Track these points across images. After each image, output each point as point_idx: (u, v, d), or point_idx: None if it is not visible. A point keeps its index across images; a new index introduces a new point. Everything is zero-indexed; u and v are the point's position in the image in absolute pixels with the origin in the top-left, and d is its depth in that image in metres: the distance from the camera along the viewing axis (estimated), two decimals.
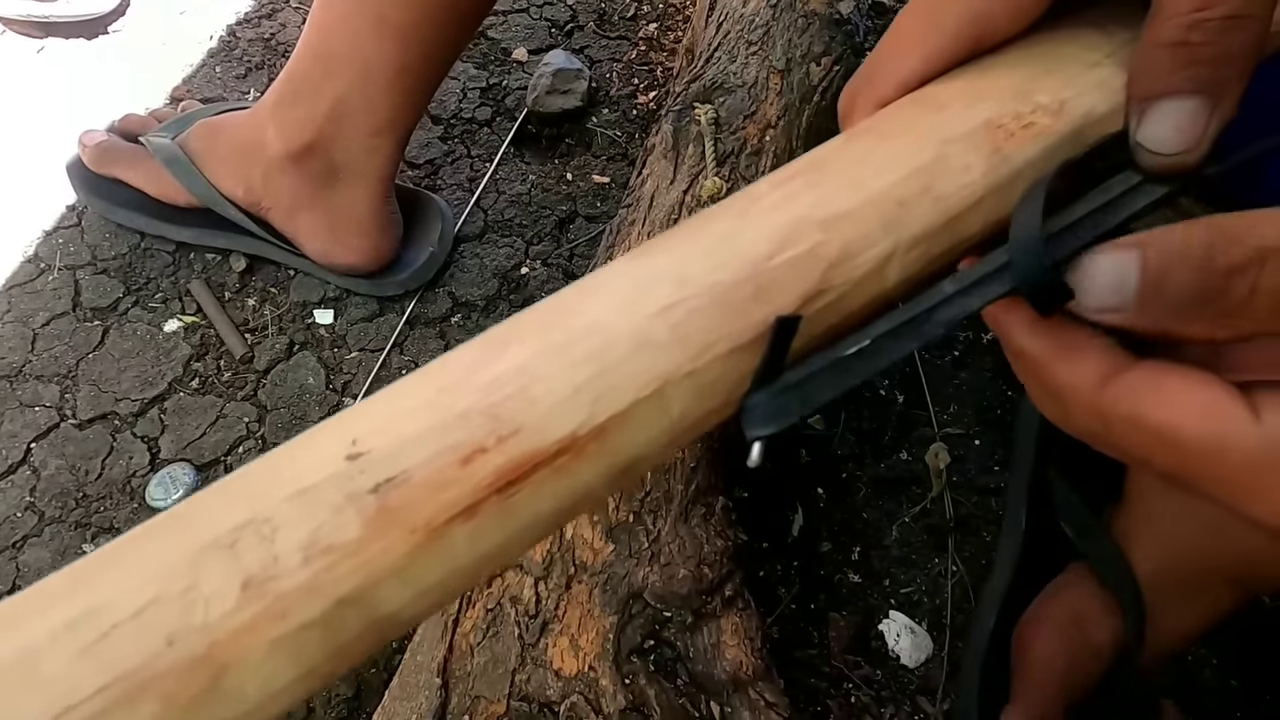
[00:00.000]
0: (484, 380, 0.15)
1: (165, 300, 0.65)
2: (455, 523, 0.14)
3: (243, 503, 0.14)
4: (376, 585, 0.14)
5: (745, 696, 0.37)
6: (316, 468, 0.14)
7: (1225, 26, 0.17)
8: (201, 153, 0.62)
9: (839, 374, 0.17)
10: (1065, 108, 0.20)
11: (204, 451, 0.58)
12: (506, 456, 0.15)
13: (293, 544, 0.14)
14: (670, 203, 0.49)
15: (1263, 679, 0.49)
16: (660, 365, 0.16)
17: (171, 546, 0.14)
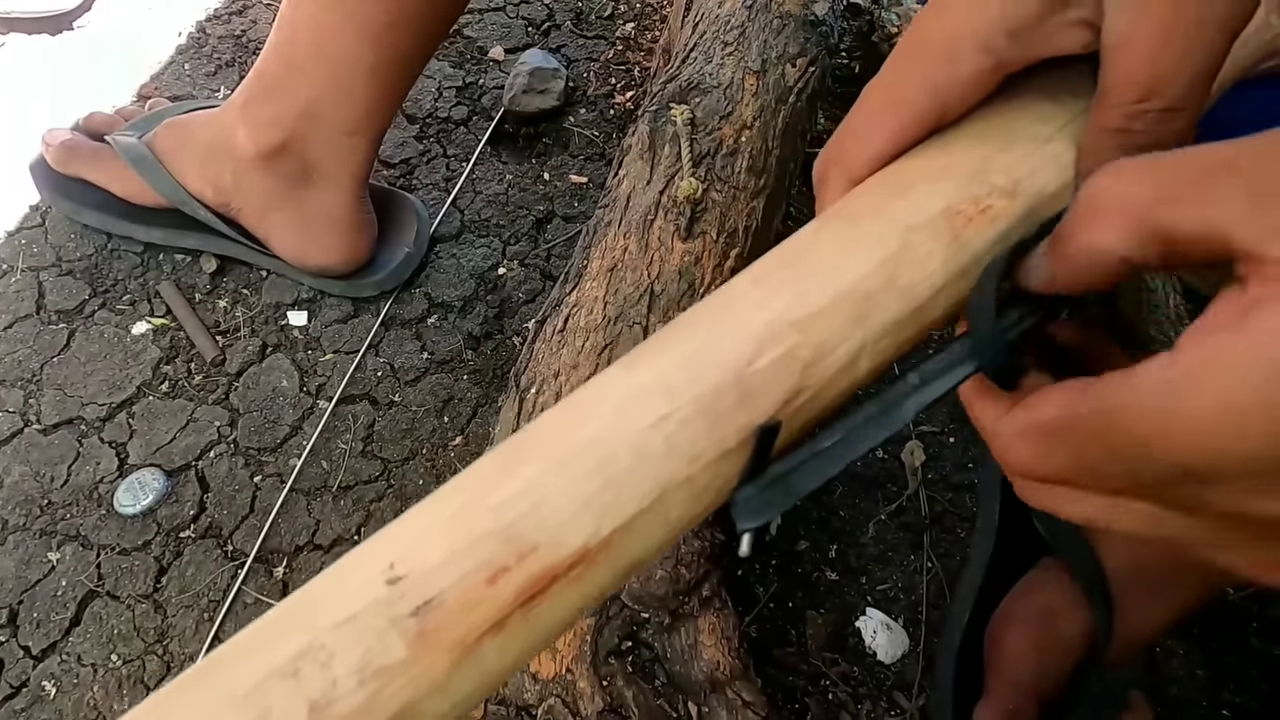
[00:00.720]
0: (500, 499, 0.17)
1: (133, 302, 0.64)
2: (486, 638, 0.16)
3: (297, 631, 0.16)
4: (421, 701, 0.16)
5: (723, 696, 0.37)
6: (361, 594, 0.16)
7: (1162, 118, 0.19)
8: (169, 152, 0.60)
9: (819, 466, 0.19)
10: (1019, 187, 0.21)
11: (174, 456, 0.57)
12: (527, 573, 0.16)
13: (348, 668, 0.15)
14: (647, 203, 0.49)
15: (1228, 669, 0.51)
16: (658, 475, 0.18)
17: (241, 677, 0.15)
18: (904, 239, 0.20)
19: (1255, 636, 0.52)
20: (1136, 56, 0.19)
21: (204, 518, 0.55)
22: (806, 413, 0.19)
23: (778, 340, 0.19)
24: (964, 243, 0.20)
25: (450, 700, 0.16)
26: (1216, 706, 0.49)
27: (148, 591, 0.52)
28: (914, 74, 0.22)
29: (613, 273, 0.47)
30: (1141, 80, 0.19)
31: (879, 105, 0.22)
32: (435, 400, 0.61)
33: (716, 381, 0.18)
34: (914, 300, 0.20)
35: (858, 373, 0.20)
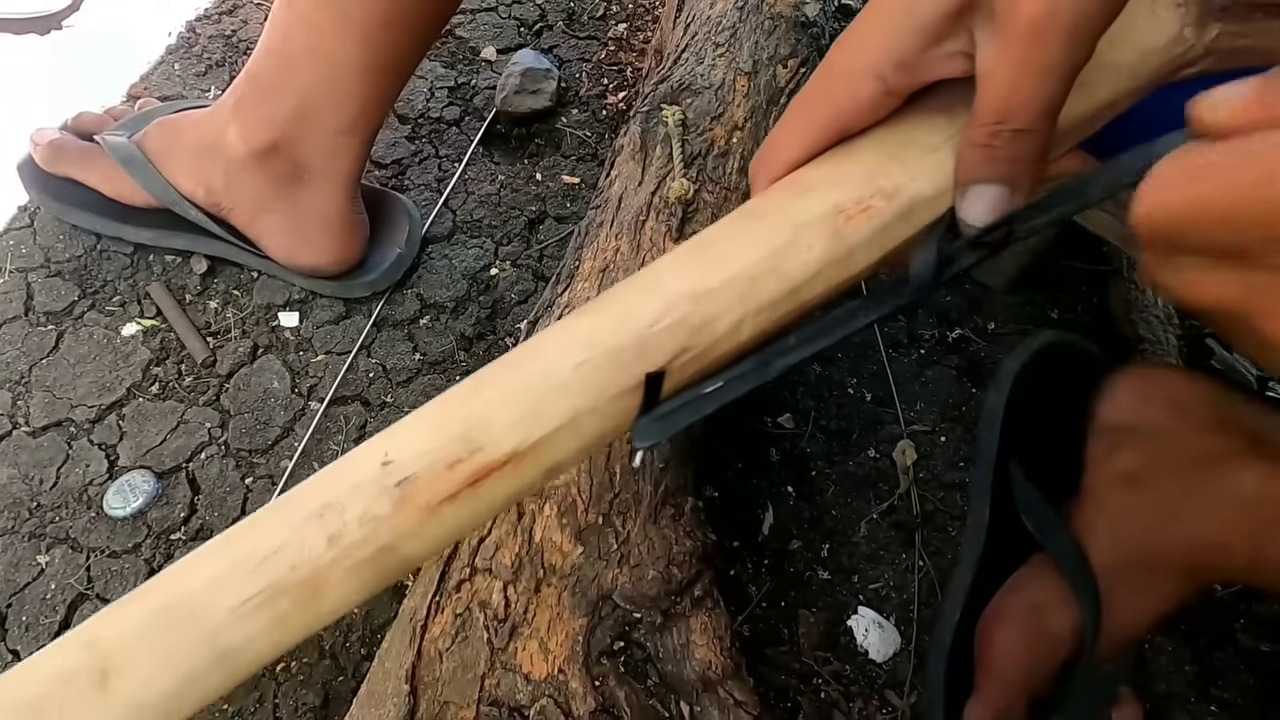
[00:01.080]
0: (461, 414, 0.24)
1: (123, 303, 0.64)
2: (444, 505, 0.23)
3: (325, 491, 0.24)
4: (399, 540, 0.23)
5: (715, 696, 0.38)
6: (365, 470, 0.24)
7: (1015, 138, 0.23)
8: (160, 152, 0.60)
9: (698, 405, 0.25)
10: (900, 191, 0.26)
11: (164, 458, 0.57)
12: (474, 465, 0.23)
13: (354, 515, 0.23)
14: (638, 204, 0.49)
15: (1215, 665, 0.51)
16: (574, 403, 0.24)
17: (290, 514, 0.24)
18: (793, 234, 0.25)
19: (1242, 633, 0.52)
20: (995, 87, 0.23)
21: (195, 520, 0.55)
22: (695, 365, 0.25)
23: (675, 309, 0.24)
24: (843, 237, 0.25)
25: (419, 541, 0.23)
26: (1204, 702, 0.50)
27: None
28: (821, 96, 0.26)
29: (605, 273, 0.47)
30: (999, 107, 0.23)
31: (794, 121, 0.27)
32: (428, 400, 0.60)
33: (624, 338, 0.24)
34: (792, 283, 0.25)
35: (740, 338, 0.25)
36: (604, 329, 0.24)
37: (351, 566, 0.23)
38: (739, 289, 0.24)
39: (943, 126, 0.26)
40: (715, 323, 0.24)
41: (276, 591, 0.22)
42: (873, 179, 0.26)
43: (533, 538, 0.40)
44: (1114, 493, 0.44)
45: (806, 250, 0.25)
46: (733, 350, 0.25)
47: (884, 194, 0.25)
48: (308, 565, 0.22)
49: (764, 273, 0.25)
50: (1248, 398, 0.46)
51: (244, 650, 0.22)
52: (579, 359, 0.24)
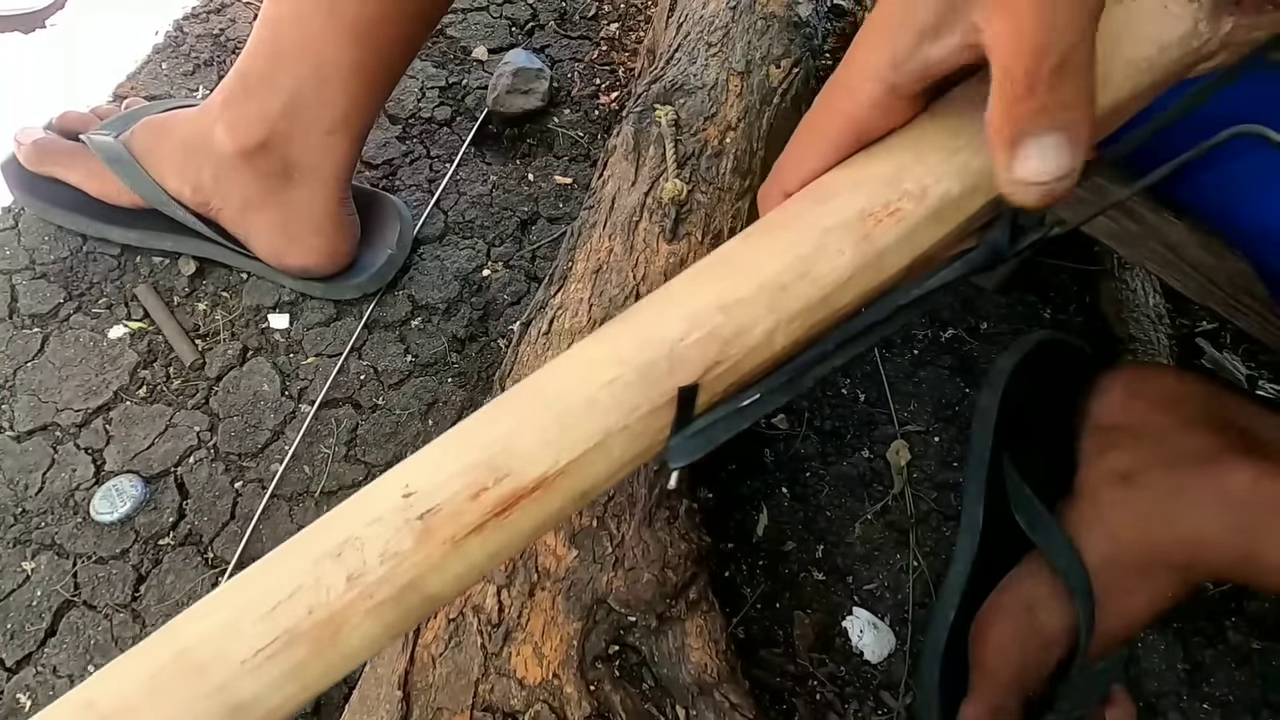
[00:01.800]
0: (485, 440, 0.23)
1: (110, 306, 0.63)
2: (470, 537, 0.22)
3: (342, 528, 0.22)
4: (423, 576, 0.22)
5: (710, 699, 0.37)
6: (384, 503, 0.22)
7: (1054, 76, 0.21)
8: (147, 151, 0.59)
9: (733, 420, 0.24)
10: (927, 193, 0.25)
11: (152, 463, 0.56)
12: (500, 493, 0.22)
13: (374, 553, 0.22)
14: (631, 204, 0.49)
15: (1207, 663, 0.51)
16: (604, 423, 0.23)
17: (305, 554, 0.22)
18: (820, 239, 0.24)
19: (1234, 630, 0.53)
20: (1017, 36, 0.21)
21: (183, 525, 0.54)
22: (728, 378, 0.24)
23: (705, 321, 0.24)
24: (872, 240, 0.24)
25: (446, 576, 0.22)
26: (1197, 700, 0.50)
27: (126, 601, 0.51)
28: (830, 109, 0.26)
29: (598, 274, 0.47)
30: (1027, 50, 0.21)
31: (806, 137, 0.27)
32: (419, 404, 0.60)
33: (654, 353, 0.23)
34: (823, 290, 0.24)
35: (774, 348, 0.24)
36: (631, 345, 0.24)
37: (373, 607, 0.22)
38: (769, 297, 0.24)
39: (961, 129, 0.26)
40: (747, 333, 0.24)
41: (292, 638, 0.21)
42: (897, 182, 0.25)
43: None
44: (1107, 491, 0.44)
45: (837, 255, 0.24)
46: (767, 361, 0.24)
47: (911, 196, 0.25)
48: (325, 608, 0.21)
49: (794, 279, 0.24)
50: (1238, 396, 0.46)
51: (258, 704, 0.21)
52: (608, 377, 0.23)
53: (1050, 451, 0.48)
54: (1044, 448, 0.48)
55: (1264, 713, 0.50)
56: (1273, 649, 0.52)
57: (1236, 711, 0.50)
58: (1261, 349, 0.65)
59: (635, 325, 0.24)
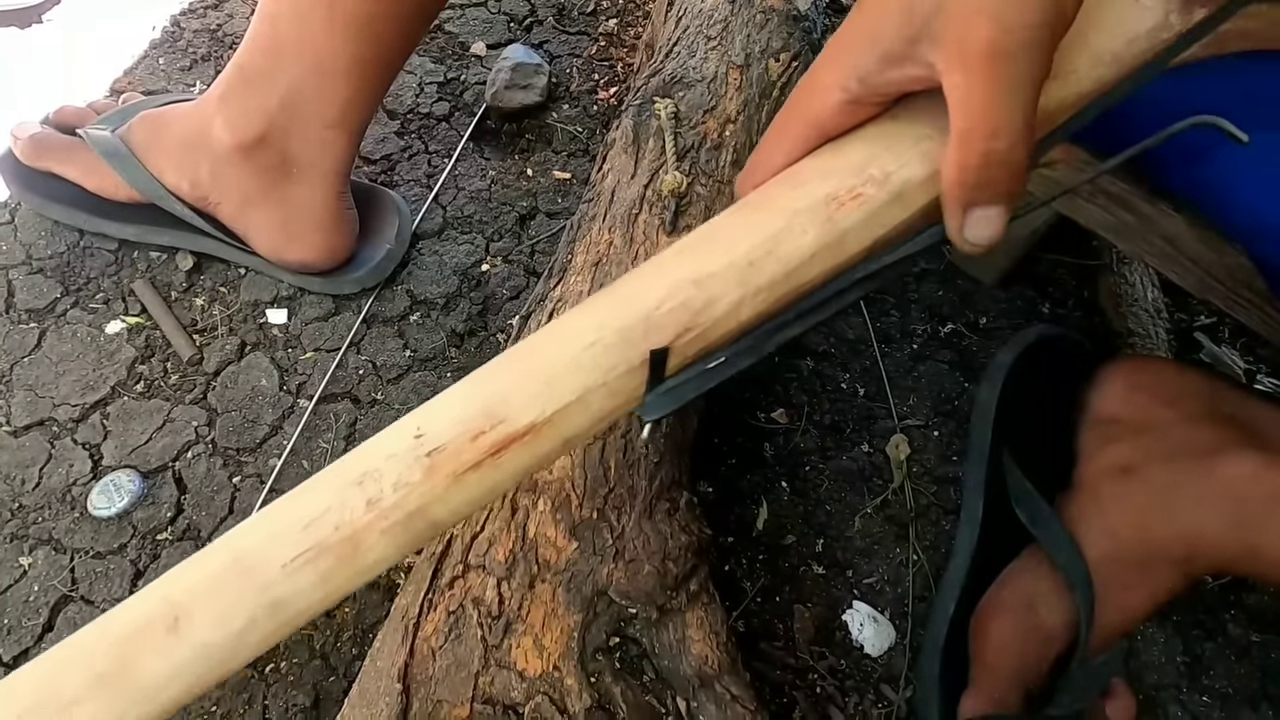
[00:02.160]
0: (486, 391, 0.27)
1: (107, 301, 0.63)
2: (469, 472, 0.26)
3: (365, 461, 0.26)
4: (429, 504, 0.26)
5: (711, 691, 0.37)
6: (400, 442, 0.26)
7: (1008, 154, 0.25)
8: (144, 145, 0.59)
9: (701, 380, 0.27)
10: (890, 178, 0.27)
11: (150, 458, 0.56)
12: (496, 436, 0.26)
13: (389, 482, 0.26)
14: (631, 197, 0.49)
15: (1206, 656, 0.51)
16: (585, 380, 0.26)
17: (335, 481, 0.26)
18: (788, 220, 0.27)
19: (1233, 624, 0.53)
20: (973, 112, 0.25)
21: (181, 519, 0.54)
22: (697, 344, 0.27)
23: (679, 292, 0.26)
24: (835, 222, 0.27)
25: (447, 506, 0.26)
26: (1196, 693, 0.50)
27: (124, 595, 0.51)
28: (796, 112, 0.29)
29: (597, 267, 0.47)
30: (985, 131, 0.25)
31: (775, 135, 0.29)
32: (418, 398, 0.60)
33: (632, 319, 0.26)
34: (788, 266, 0.27)
35: (740, 317, 0.27)
36: (612, 312, 0.27)
37: (387, 528, 0.25)
38: (738, 272, 0.26)
39: (929, 120, 0.28)
40: (716, 304, 0.26)
41: (322, 550, 0.25)
42: (864, 169, 0.27)
43: (526, 533, 0.40)
44: (1106, 485, 0.44)
45: (801, 235, 0.27)
46: (733, 330, 0.27)
47: (875, 181, 0.27)
48: (349, 526, 0.25)
49: (761, 256, 0.26)
50: (1237, 389, 0.46)
51: (293, 602, 0.25)
52: (589, 340, 0.26)
53: (1049, 445, 0.48)
54: (1043, 442, 0.48)
55: (1263, 705, 0.50)
56: (1272, 642, 0.52)
57: (1236, 704, 0.50)
58: (1260, 343, 0.65)
59: (618, 295, 0.27)
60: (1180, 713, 0.50)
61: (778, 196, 0.28)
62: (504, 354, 0.28)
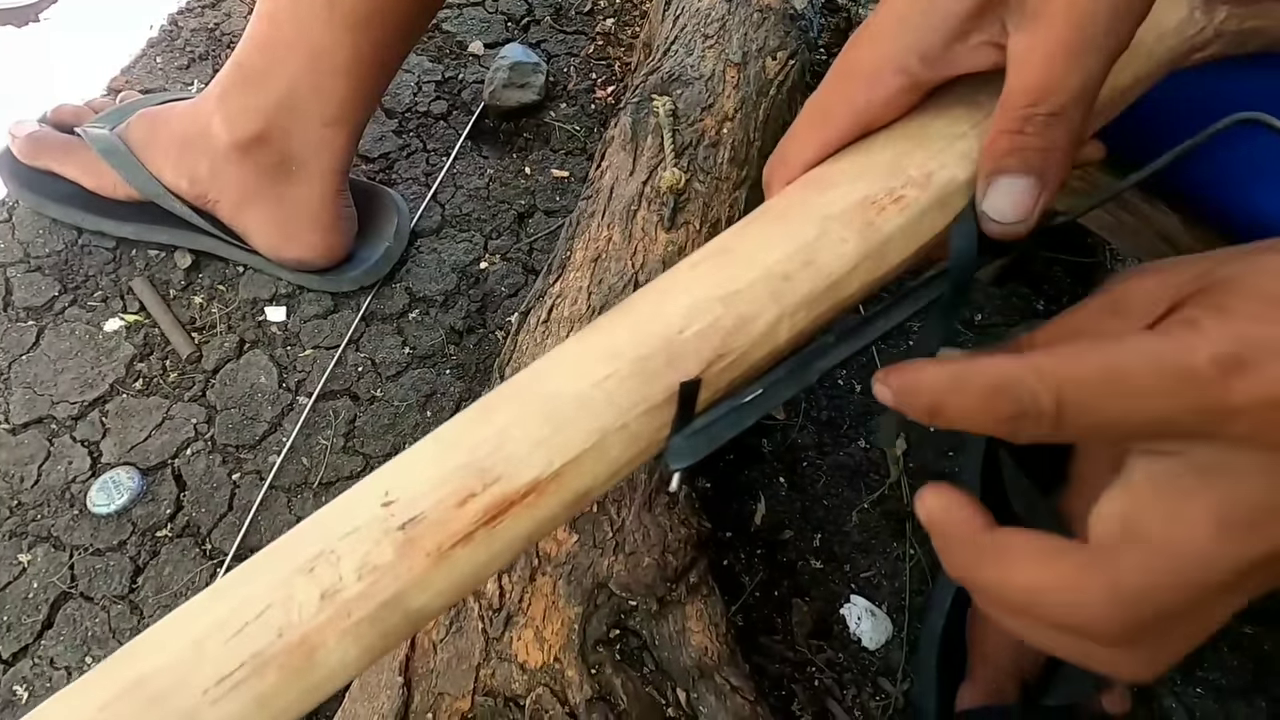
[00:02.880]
0: (473, 441, 0.21)
1: (105, 299, 0.63)
2: (457, 547, 0.20)
3: (315, 540, 0.20)
4: (405, 592, 0.20)
5: (711, 682, 0.38)
6: (362, 512, 0.21)
7: (1048, 122, 0.22)
8: (142, 144, 0.59)
9: (737, 417, 0.22)
10: (931, 179, 0.24)
11: (149, 455, 0.56)
12: (490, 499, 0.20)
13: (351, 567, 0.20)
14: (630, 194, 0.49)
15: (1201, 650, 0.52)
16: (599, 423, 0.21)
17: (274, 570, 0.20)
18: (822, 227, 0.23)
19: None
20: (1030, 69, 0.22)
21: (181, 516, 0.54)
22: (731, 372, 0.22)
23: (704, 313, 0.22)
24: (876, 228, 0.23)
25: (430, 592, 0.20)
26: (1190, 685, 0.51)
27: (123, 592, 0.51)
28: (841, 94, 0.25)
29: (597, 263, 0.47)
30: (1034, 87, 0.22)
31: (812, 120, 0.26)
32: (417, 395, 0.60)
33: (650, 347, 0.22)
34: (828, 278, 0.23)
35: (778, 339, 0.23)
36: (627, 338, 0.22)
37: (350, 627, 0.20)
38: (772, 287, 0.22)
39: (964, 116, 0.25)
40: (750, 324, 0.22)
41: (261, 664, 0.19)
42: (901, 169, 0.24)
43: None
44: (1101, 481, 0.44)
45: (840, 243, 0.23)
46: (770, 354, 0.23)
47: (915, 183, 0.24)
48: (297, 629, 0.19)
49: (797, 268, 0.23)
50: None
51: None
52: (603, 373, 0.21)
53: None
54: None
55: (1257, 697, 0.50)
56: (1265, 634, 0.52)
57: (1230, 696, 0.50)
58: None
59: (631, 317, 0.23)
60: (1175, 705, 0.50)
61: (805, 200, 0.24)
62: (491, 393, 0.22)
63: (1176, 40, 0.31)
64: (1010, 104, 0.22)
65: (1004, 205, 0.23)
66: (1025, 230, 0.23)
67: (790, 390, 0.22)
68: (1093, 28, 0.21)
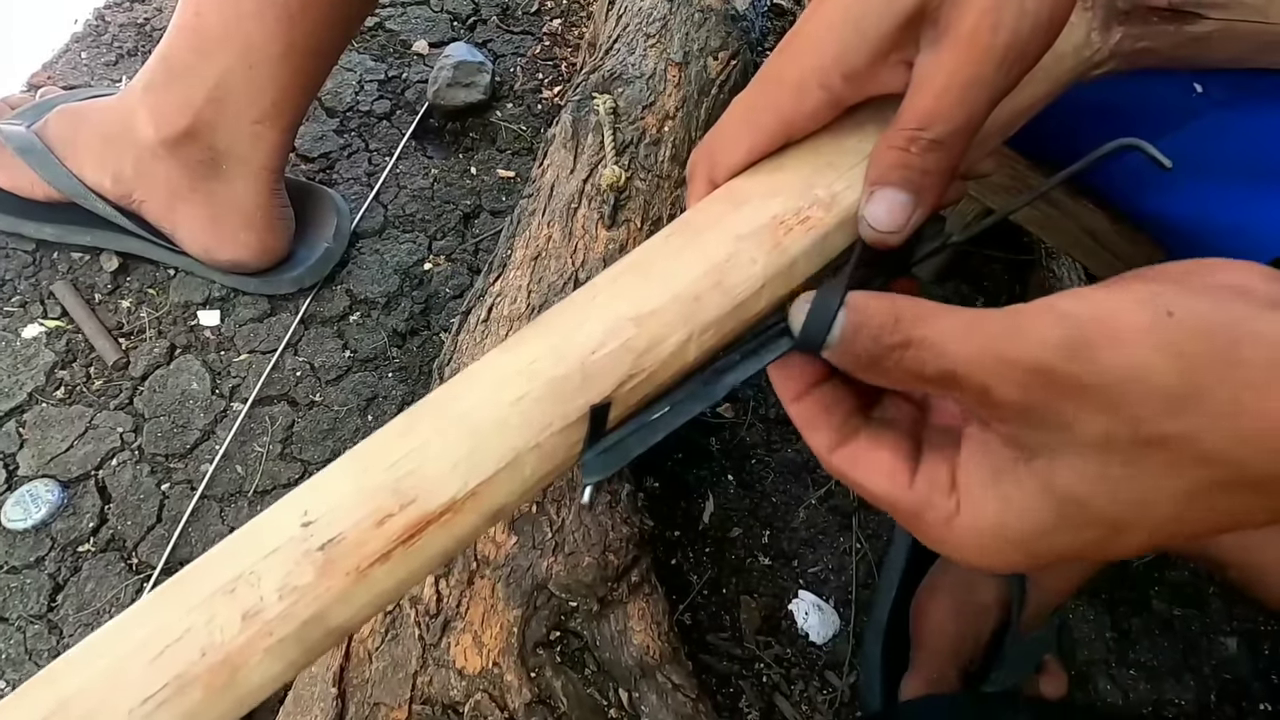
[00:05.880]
0: (390, 461, 0.22)
1: (24, 304, 0.60)
2: (376, 565, 0.21)
3: (235, 561, 0.21)
4: (327, 610, 0.21)
5: (653, 681, 0.37)
6: (282, 533, 0.21)
7: (929, 147, 0.23)
8: (62, 141, 0.57)
9: (646, 434, 0.23)
10: (836, 199, 0.25)
11: (70, 466, 0.53)
12: (407, 519, 0.21)
13: (271, 587, 0.20)
14: (570, 192, 0.49)
15: (1133, 631, 0.54)
16: (514, 442, 0.22)
17: (195, 592, 0.21)
18: (733, 247, 0.24)
19: (1157, 599, 0.55)
20: (922, 95, 0.23)
21: (105, 530, 0.51)
22: (642, 390, 0.23)
23: (617, 334, 0.23)
24: (784, 249, 0.24)
25: (352, 608, 0.21)
26: (1124, 666, 0.52)
27: (41, 611, 0.48)
28: (767, 102, 0.26)
29: (537, 261, 0.46)
30: (921, 114, 0.23)
31: (739, 123, 0.26)
32: (358, 399, 0.58)
33: (565, 368, 0.22)
34: (736, 299, 0.24)
35: (687, 358, 0.24)
36: (542, 358, 0.23)
37: (273, 645, 0.20)
38: (683, 308, 0.23)
39: (875, 133, 0.26)
40: (660, 345, 0.23)
41: (185, 683, 0.20)
42: (809, 188, 0.25)
43: None
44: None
45: (749, 264, 0.24)
46: (679, 371, 0.24)
47: (821, 204, 0.25)
48: (220, 649, 0.20)
49: (707, 289, 0.23)
50: None
51: None
52: (517, 393, 0.22)
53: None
54: None
55: (1186, 676, 0.52)
56: (1193, 616, 0.54)
57: (1161, 676, 0.52)
58: None
59: (546, 336, 0.23)
60: (1109, 686, 0.51)
61: (720, 217, 0.25)
62: (407, 412, 0.23)
63: (1075, 61, 0.32)
64: (901, 122, 0.24)
65: (880, 214, 0.24)
66: (898, 240, 0.24)
67: (697, 406, 0.24)
68: (988, 66, 0.22)
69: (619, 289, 0.24)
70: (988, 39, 0.22)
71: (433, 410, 0.23)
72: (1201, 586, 0.55)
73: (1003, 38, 0.22)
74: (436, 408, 0.23)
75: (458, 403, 0.23)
